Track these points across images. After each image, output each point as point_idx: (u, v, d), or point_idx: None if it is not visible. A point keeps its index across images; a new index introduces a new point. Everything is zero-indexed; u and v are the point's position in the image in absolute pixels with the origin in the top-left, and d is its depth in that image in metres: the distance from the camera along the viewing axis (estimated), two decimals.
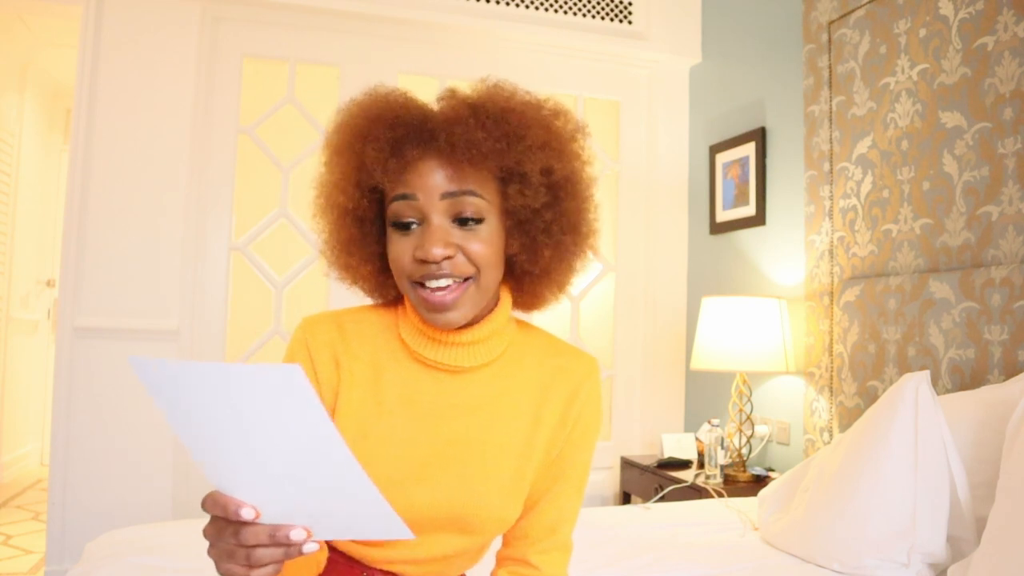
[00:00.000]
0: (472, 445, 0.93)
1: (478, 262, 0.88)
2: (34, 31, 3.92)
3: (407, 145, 0.88)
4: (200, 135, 2.75)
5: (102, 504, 2.55)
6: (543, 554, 0.97)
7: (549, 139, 0.91)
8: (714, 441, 2.41)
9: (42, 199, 4.72)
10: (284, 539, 0.65)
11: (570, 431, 0.97)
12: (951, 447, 1.51)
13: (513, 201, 0.90)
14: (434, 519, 0.91)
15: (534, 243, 0.92)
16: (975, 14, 1.90)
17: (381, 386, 0.94)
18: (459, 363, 0.94)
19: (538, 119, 0.91)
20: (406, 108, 0.90)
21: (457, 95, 0.92)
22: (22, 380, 4.44)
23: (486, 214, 0.89)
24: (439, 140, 0.87)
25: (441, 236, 0.87)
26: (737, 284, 2.90)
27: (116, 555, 1.53)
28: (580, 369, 0.99)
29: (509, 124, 0.88)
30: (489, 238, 0.89)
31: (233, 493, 0.66)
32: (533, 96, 0.94)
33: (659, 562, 1.64)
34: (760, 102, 2.83)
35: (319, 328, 0.95)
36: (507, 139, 0.88)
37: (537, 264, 0.94)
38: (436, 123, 0.88)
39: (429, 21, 2.93)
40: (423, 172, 0.88)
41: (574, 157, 0.94)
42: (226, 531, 0.67)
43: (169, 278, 2.67)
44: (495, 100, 0.90)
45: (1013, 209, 1.79)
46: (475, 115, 0.88)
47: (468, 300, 0.89)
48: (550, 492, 0.97)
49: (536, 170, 0.89)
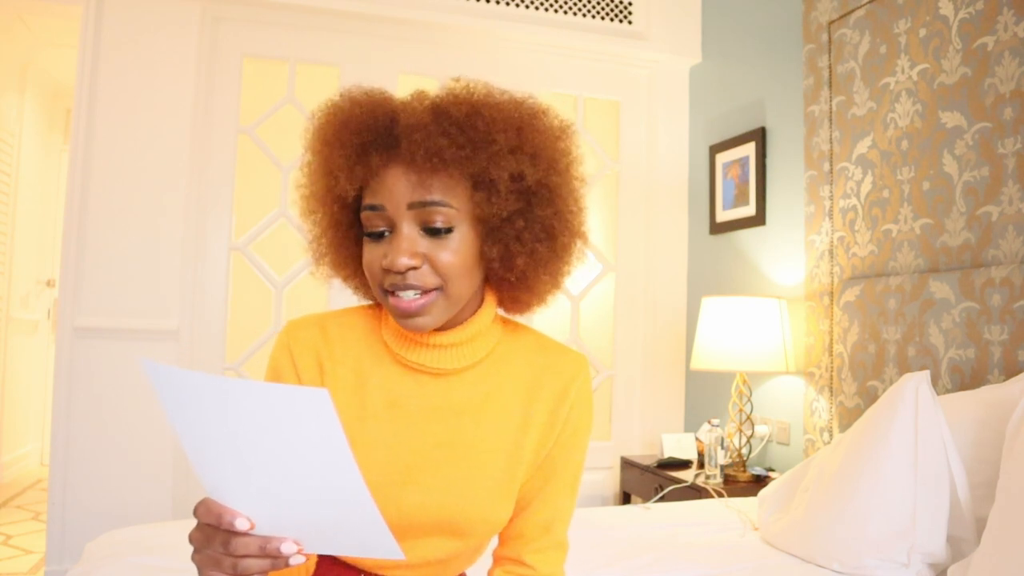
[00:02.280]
0: (460, 448, 0.92)
1: (445, 273, 0.85)
2: (34, 31, 3.92)
3: (372, 152, 0.85)
4: (200, 135, 2.75)
5: (102, 504, 2.55)
6: (538, 553, 0.96)
7: (521, 143, 0.86)
8: (714, 441, 2.41)
9: (42, 199, 4.72)
10: (275, 552, 0.65)
11: (560, 431, 0.95)
12: (951, 447, 1.51)
13: (480, 209, 0.85)
14: (424, 523, 0.90)
15: (507, 251, 0.88)
16: (975, 14, 1.90)
17: (365, 390, 0.92)
18: (442, 365, 0.92)
19: (509, 121, 0.86)
20: (373, 112, 0.87)
21: (423, 97, 0.88)
22: (22, 380, 4.44)
23: (456, 222, 0.85)
24: (401, 147, 0.84)
25: (407, 247, 0.84)
26: (737, 284, 2.90)
27: (116, 555, 1.53)
28: (568, 368, 0.97)
29: (475, 129, 0.84)
30: (459, 247, 0.85)
31: (228, 502, 0.66)
32: (509, 96, 0.89)
33: (659, 562, 1.64)
34: (760, 102, 2.83)
35: (302, 332, 0.93)
36: (472, 145, 0.84)
37: (512, 272, 0.90)
38: (399, 128, 0.85)
39: (429, 21, 2.93)
40: (389, 181, 0.85)
41: (552, 161, 0.88)
42: (215, 539, 0.66)
43: (169, 278, 2.67)
44: (461, 103, 0.86)
45: (1013, 209, 1.79)
46: (437, 120, 0.84)
47: (436, 309, 0.86)
48: (543, 492, 0.96)
49: (505, 176, 0.84)
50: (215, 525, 0.66)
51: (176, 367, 0.61)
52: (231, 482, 0.65)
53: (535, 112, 0.90)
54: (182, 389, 0.62)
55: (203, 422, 0.63)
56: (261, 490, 0.65)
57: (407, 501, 0.89)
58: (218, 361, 2.78)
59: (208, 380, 0.60)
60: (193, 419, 0.63)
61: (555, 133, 0.90)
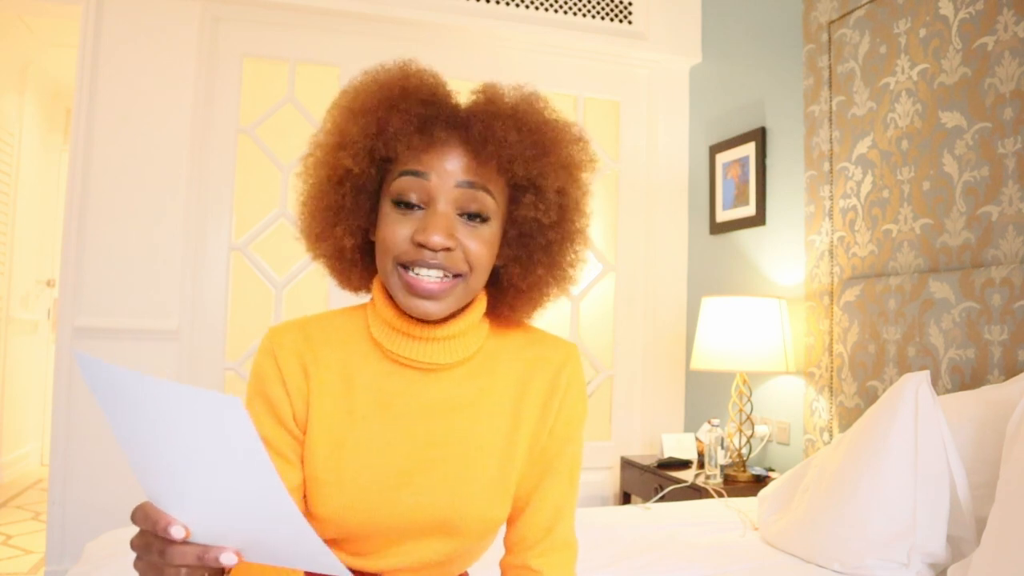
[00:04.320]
0: (452, 446, 0.91)
1: (473, 262, 0.86)
2: (34, 31, 3.92)
3: (437, 126, 0.86)
4: (200, 135, 2.75)
5: (102, 504, 2.55)
6: (543, 556, 0.94)
7: (570, 162, 0.91)
8: (714, 441, 2.41)
9: (42, 199, 4.72)
10: (213, 561, 0.62)
11: (553, 423, 0.94)
12: (951, 447, 1.51)
13: (525, 211, 0.89)
14: (421, 524, 0.89)
15: (530, 258, 0.92)
16: (975, 14, 1.90)
17: (353, 392, 0.91)
18: (434, 360, 0.91)
19: (565, 140, 0.91)
20: (439, 90, 0.89)
21: (497, 92, 0.90)
22: (22, 380, 4.44)
23: (492, 215, 0.87)
24: (472, 129, 0.86)
25: (446, 224, 0.84)
26: (737, 284, 2.90)
27: (116, 555, 1.53)
28: (557, 357, 0.96)
29: (543, 136, 0.88)
30: (490, 240, 0.88)
31: (166, 508, 0.62)
32: (562, 116, 0.94)
33: (659, 562, 1.64)
34: (760, 102, 2.83)
35: (285, 337, 0.92)
36: (537, 149, 0.87)
37: (526, 280, 0.93)
38: (472, 112, 0.87)
39: (429, 21, 2.93)
40: (445, 155, 0.85)
41: (584, 186, 0.94)
42: (153, 546, 0.63)
43: (169, 278, 2.67)
44: (534, 109, 0.90)
45: (1013, 209, 1.79)
46: (514, 117, 0.87)
47: (453, 296, 0.87)
48: (540, 488, 0.94)
49: (553, 187, 0.89)
50: (152, 532, 0.63)
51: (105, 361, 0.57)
52: (166, 487, 0.62)
53: (578, 138, 0.94)
54: (112, 386, 0.59)
55: (135, 421, 0.60)
56: (192, 496, 0.61)
57: (402, 503, 0.88)
58: (218, 361, 2.78)
59: (132, 377, 0.57)
60: (125, 418, 0.60)
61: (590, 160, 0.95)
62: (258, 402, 0.91)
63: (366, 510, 0.88)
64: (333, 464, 0.89)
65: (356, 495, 0.88)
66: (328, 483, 0.88)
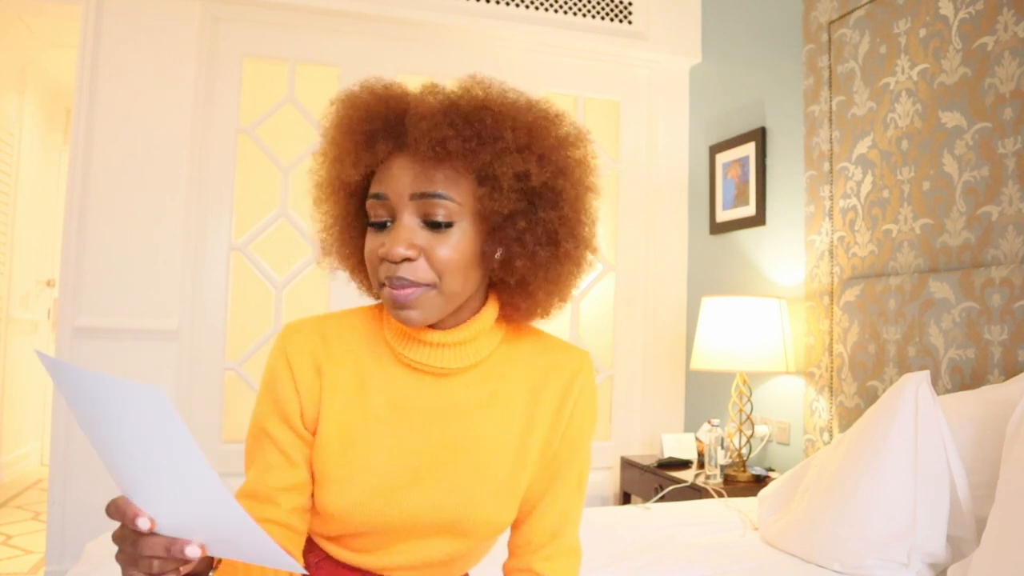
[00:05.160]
0: (463, 449, 0.91)
1: (440, 268, 0.84)
2: (34, 31, 3.92)
3: (380, 140, 0.86)
4: (200, 135, 2.75)
5: (102, 504, 2.53)
6: (547, 560, 0.94)
7: (530, 143, 0.85)
8: (714, 441, 2.41)
9: (42, 199, 4.72)
10: (179, 553, 0.63)
11: (564, 429, 0.94)
12: (951, 447, 1.51)
13: (482, 204, 0.84)
14: (428, 524, 0.89)
15: (507, 252, 0.87)
16: (975, 14, 1.90)
17: (367, 392, 0.91)
18: (446, 365, 0.91)
19: (520, 120, 0.85)
20: (386, 102, 0.87)
21: (435, 90, 0.87)
22: (22, 380, 4.44)
23: (457, 218, 0.84)
24: (408, 136, 0.84)
25: (405, 236, 0.83)
26: (737, 284, 2.90)
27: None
28: (571, 365, 0.96)
29: (483, 123, 0.83)
30: (458, 244, 0.84)
31: (135, 500, 0.64)
32: (524, 96, 0.88)
33: (659, 562, 1.64)
34: (760, 102, 2.83)
35: (300, 336, 0.92)
36: (478, 138, 0.83)
37: (511, 274, 0.88)
38: (408, 119, 0.84)
39: (429, 21, 2.93)
40: (394, 170, 0.85)
41: (561, 165, 0.87)
42: (127, 539, 0.65)
43: (169, 278, 2.67)
44: (472, 97, 0.85)
45: (1013, 209, 1.79)
46: (445, 112, 0.83)
47: (428, 304, 0.85)
48: (548, 494, 0.95)
49: (509, 174, 0.83)
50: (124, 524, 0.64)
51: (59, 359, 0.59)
52: (129, 479, 0.64)
53: (549, 115, 0.89)
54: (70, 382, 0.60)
55: (93, 416, 0.61)
56: (153, 487, 0.63)
57: (411, 503, 0.89)
58: (218, 361, 2.78)
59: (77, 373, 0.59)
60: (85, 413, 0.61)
61: (569, 139, 0.89)
62: (268, 399, 0.91)
63: (374, 508, 0.88)
64: (344, 461, 0.89)
65: (365, 493, 0.88)
66: (338, 480, 0.88)
